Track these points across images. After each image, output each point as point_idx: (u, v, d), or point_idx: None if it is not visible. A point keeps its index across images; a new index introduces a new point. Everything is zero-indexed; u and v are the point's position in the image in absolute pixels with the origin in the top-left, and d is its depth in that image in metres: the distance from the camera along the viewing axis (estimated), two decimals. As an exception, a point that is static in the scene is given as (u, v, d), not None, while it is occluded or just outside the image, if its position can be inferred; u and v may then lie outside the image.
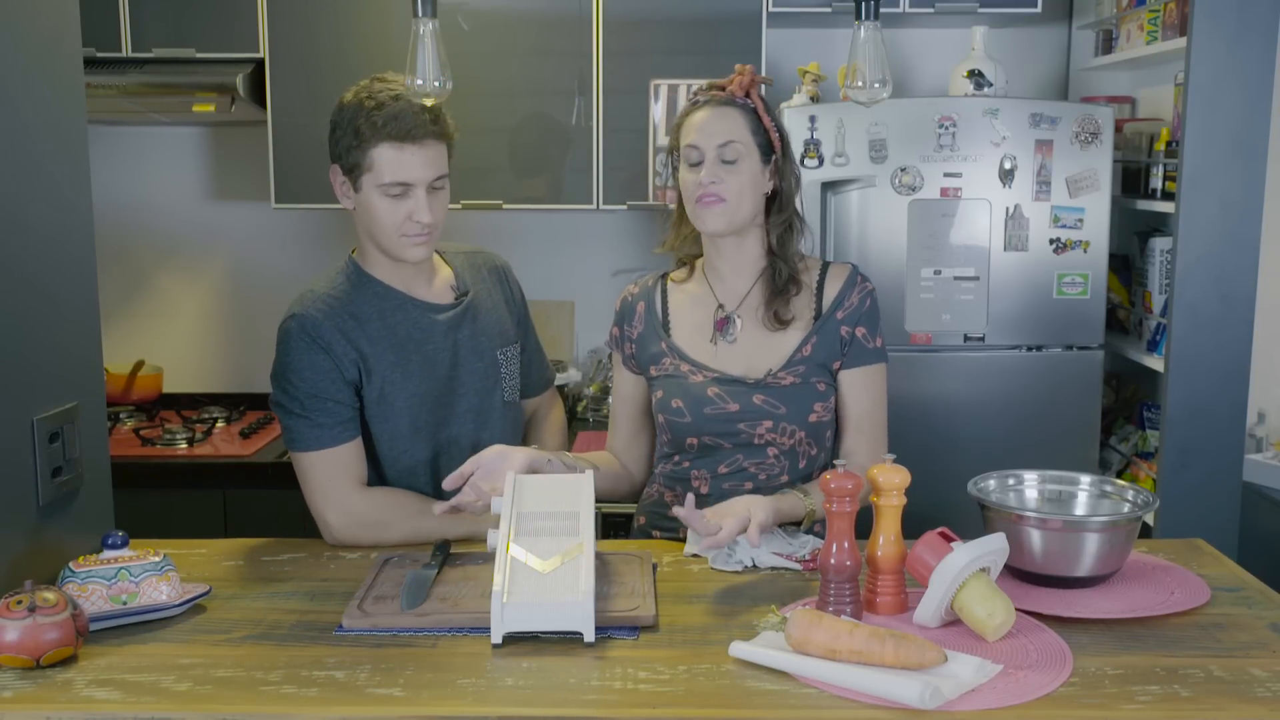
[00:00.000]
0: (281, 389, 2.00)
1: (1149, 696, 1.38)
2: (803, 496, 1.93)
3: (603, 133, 3.25)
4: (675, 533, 2.06)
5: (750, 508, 1.79)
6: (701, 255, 2.11)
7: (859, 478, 1.61)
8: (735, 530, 1.75)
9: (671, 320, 2.09)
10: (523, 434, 2.25)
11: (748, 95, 2.01)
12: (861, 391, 2.04)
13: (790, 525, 1.94)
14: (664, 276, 2.14)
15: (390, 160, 1.92)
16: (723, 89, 2.01)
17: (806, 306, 2.04)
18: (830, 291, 2.04)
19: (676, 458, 2.08)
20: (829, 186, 2.99)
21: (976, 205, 2.99)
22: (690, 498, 1.75)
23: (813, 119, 2.97)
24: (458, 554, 1.89)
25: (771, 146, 2.01)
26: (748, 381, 2.00)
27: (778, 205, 2.04)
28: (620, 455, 2.18)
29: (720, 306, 2.06)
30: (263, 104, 3.25)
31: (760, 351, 2.02)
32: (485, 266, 2.20)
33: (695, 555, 1.90)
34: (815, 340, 2.02)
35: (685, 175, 2.00)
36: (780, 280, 2.03)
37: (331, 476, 1.98)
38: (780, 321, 2.02)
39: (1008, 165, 2.97)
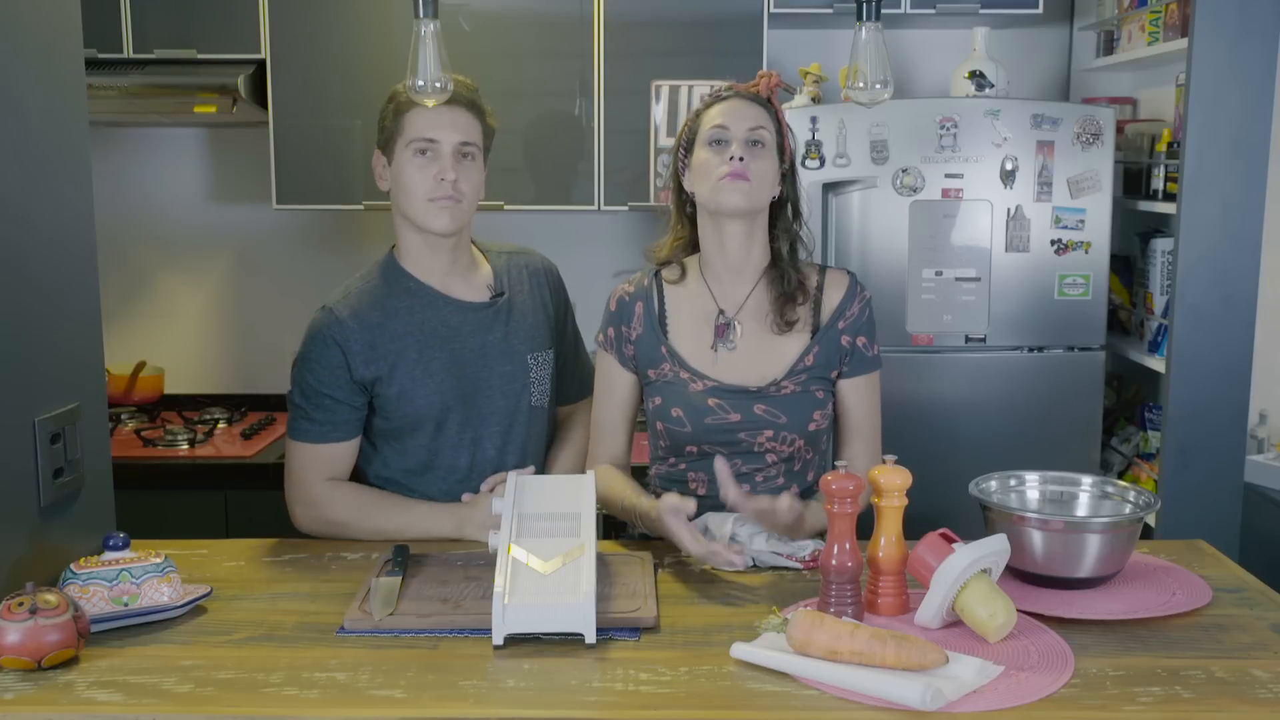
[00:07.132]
0: (295, 377, 2.08)
1: (1150, 698, 1.38)
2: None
3: (604, 134, 3.25)
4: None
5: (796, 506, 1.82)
6: (692, 255, 2.10)
7: (860, 479, 1.61)
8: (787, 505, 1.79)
9: (669, 322, 2.05)
10: (551, 439, 2.24)
11: (769, 100, 2.01)
12: (862, 399, 2.05)
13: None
14: (656, 275, 2.10)
15: (419, 118, 2.01)
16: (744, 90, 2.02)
17: (807, 313, 2.03)
18: (830, 301, 2.03)
19: (673, 460, 2.07)
20: (830, 187, 2.99)
21: (978, 206, 2.99)
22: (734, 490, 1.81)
23: (814, 120, 2.97)
24: (456, 554, 1.90)
25: (783, 153, 2.01)
26: (749, 390, 1.99)
27: (788, 213, 2.04)
28: (622, 463, 2.11)
29: (721, 312, 2.04)
30: (264, 105, 3.25)
31: (761, 359, 2.00)
32: (527, 268, 2.21)
33: (696, 556, 1.90)
34: (817, 350, 2.01)
35: (704, 156, 1.96)
36: (790, 286, 2.02)
37: (308, 470, 2.05)
38: (787, 325, 2.00)
39: (1009, 166, 2.97)
